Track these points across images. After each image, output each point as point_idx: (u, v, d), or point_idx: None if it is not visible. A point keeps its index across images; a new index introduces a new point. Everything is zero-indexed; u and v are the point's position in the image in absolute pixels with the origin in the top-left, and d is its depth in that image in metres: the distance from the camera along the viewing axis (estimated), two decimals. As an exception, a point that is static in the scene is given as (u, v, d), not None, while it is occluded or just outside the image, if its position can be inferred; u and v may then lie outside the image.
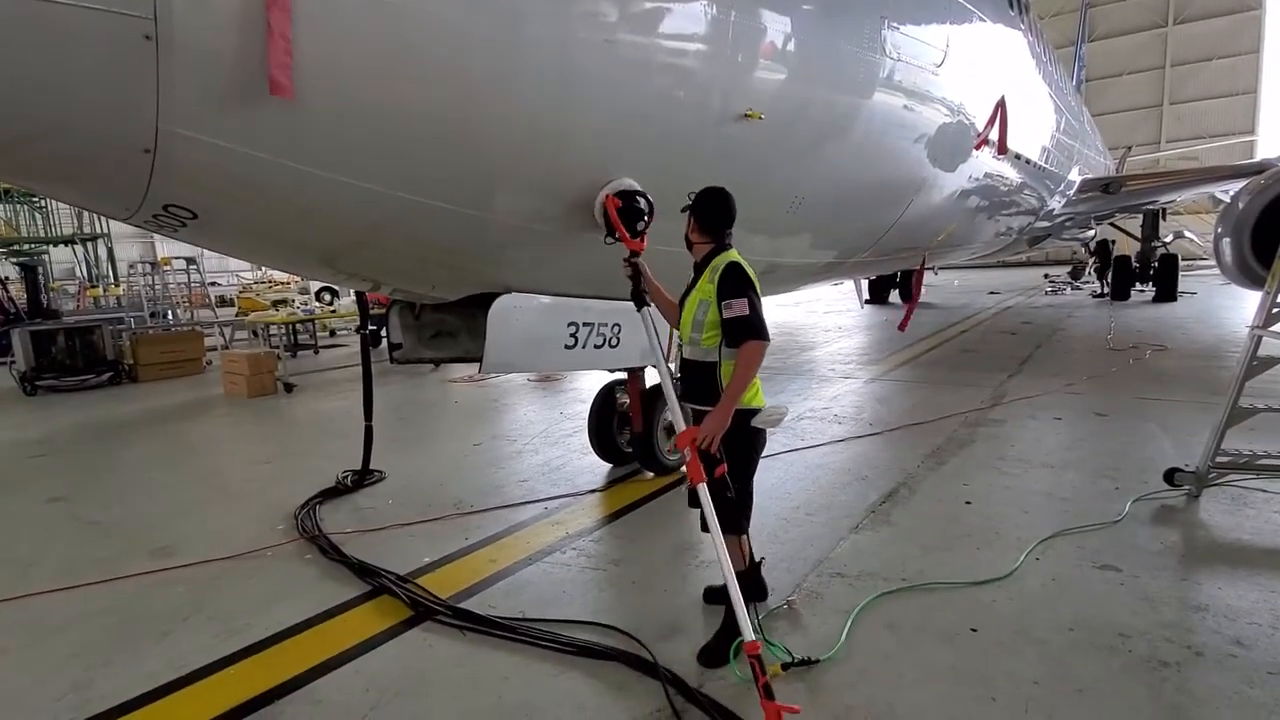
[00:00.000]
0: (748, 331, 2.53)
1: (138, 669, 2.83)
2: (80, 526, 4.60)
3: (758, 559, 3.03)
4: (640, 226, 2.97)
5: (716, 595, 3.04)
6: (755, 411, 2.68)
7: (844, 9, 3.96)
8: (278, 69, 2.03)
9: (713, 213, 2.77)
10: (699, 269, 2.82)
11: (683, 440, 2.56)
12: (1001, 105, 6.17)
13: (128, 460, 6.32)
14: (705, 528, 2.51)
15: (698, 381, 2.75)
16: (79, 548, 4.21)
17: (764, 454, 2.93)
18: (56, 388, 10.17)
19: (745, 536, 2.82)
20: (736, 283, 2.58)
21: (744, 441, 2.70)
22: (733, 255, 2.73)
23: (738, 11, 3.21)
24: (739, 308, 2.53)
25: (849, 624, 2.86)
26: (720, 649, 2.66)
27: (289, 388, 9.25)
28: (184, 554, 3.96)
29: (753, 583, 2.88)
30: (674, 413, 2.72)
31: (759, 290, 2.66)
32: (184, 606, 3.35)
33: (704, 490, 2.50)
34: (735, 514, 2.68)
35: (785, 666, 2.57)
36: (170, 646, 2.99)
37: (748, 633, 2.34)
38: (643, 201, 2.98)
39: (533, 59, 2.63)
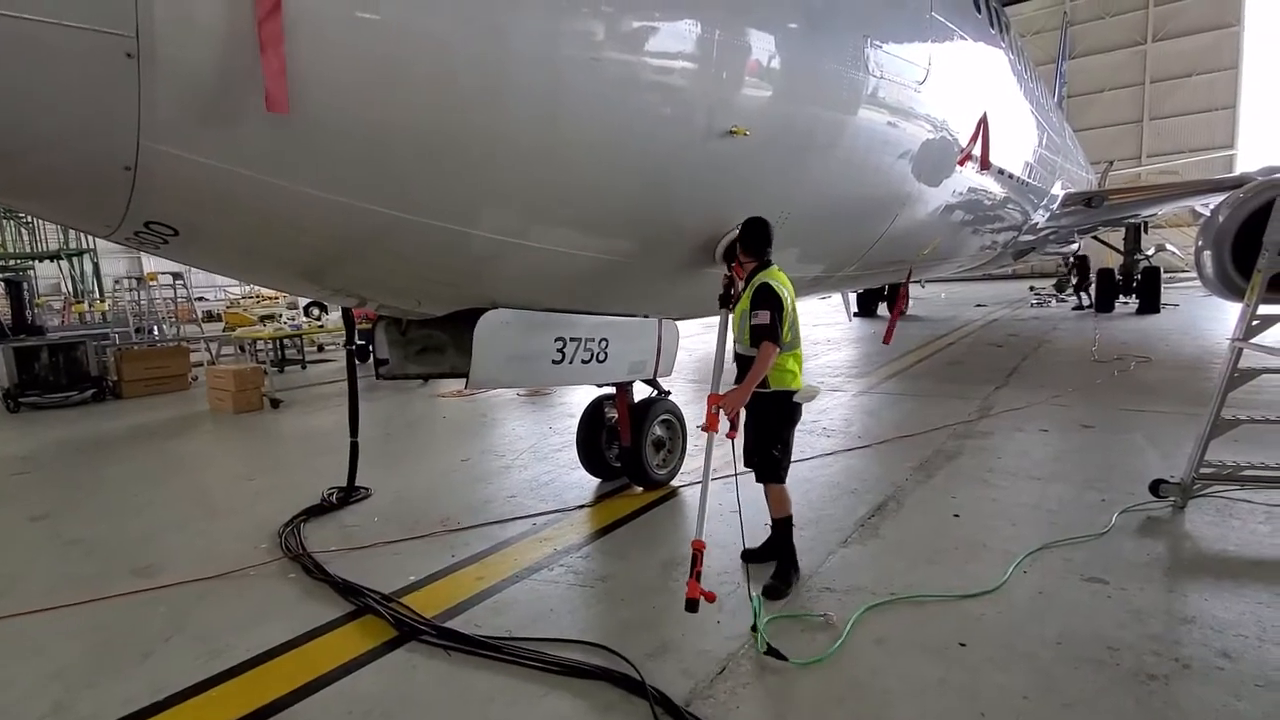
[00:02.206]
0: (764, 335, 3.30)
1: (119, 690, 2.79)
2: (63, 545, 4.53)
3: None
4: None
5: (753, 555, 3.60)
6: (794, 392, 3.47)
7: (827, 28, 4.00)
8: (274, 84, 2.03)
9: (752, 238, 3.54)
10: (746, 283, 3.54)
11: (711, 400, 3.35)
12: (984, 121, 6.25)
13: (111, 477, 6.24)
14: (752, 468, 3.57)
15: (746, 369, 3.45)
16: (61, 566, 4.15)
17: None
18: (40, 404, 10.06)
19: (785, 487, 3.56)
20: (764, 299, 3.36)
21: (785, 414, 3.50)
22: (766, 275, 3.45)
23: (722, 30, 3.24)
24: (761, 318, 3.33)
25: (845, 634, 2.86)
26: (781, 587, 3.37)
27: (275, 403, 9.17)
28: (166, 573, 3.90)
29: (788, 547, 3.55)
30: (714, 380, 3.58)
31: (791, 299, 3.44)
32: (166, 627, 3.30)
33: (710, 437, 3.34)
34: (777, 467, 3.51)
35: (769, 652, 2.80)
36: (152, 668, 2.95)
37: (699, 533, 3.10)
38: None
39: (520, 75, 2.64)
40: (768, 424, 3.48)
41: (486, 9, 2.50)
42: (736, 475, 3.77)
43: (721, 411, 3.32)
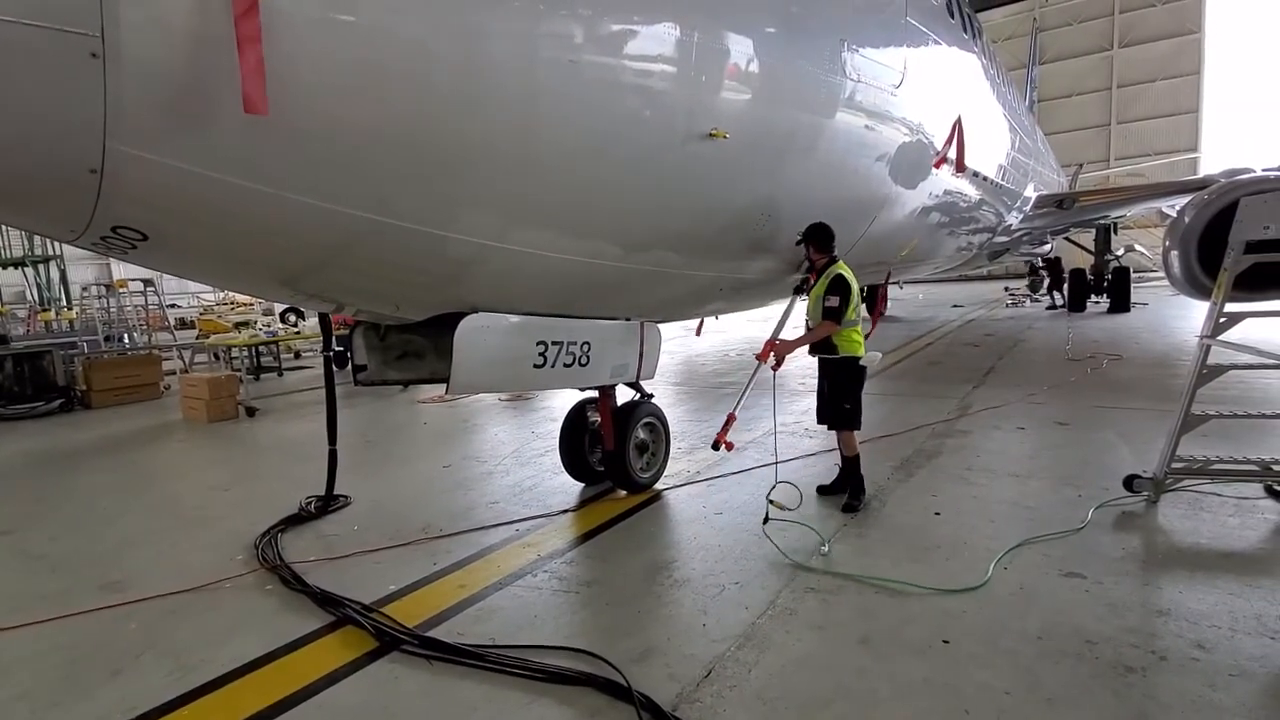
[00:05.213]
0: (829, 315, 4.32)
1: (88, 710, 2.70)
2: (27, 561, 4.40)
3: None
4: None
5: (825, 489, 4.70)
6: (859, 357, 4.46)
7: (804, 31, 4.03)
8: (251, 85, 1.98)
9: (822, 239, 4.48)
10: (819, 274, 4.49)
11: (767, 344, 4.48)
12: (958, 125, 6.34)
13: (79, 490, 6.08)
14: (826, 421, 4.75)
15: (819, 342, 4.49)
16: (26, 583, 4.03)
17: (736, 470, 4.51)
18: (3, 416, 9.78)
19: (854, 433, 4.60)
20: (836, 287, 4.34)
21: (854, 375, 4.51)
22: (838, 268, 4.43)
23: (701, 33, 3.24)
24: (831, 302, 4.31)
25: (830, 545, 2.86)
26: (853, 504, 4.45)
27: (251, 412, 9.01)
28: (137, 588, 3.80)
29: (856, 478, 4.59)
30: (774, 333, 4.65)
31: (856, 287, 4.38)
32: (136, 643, 3.21)
33: (758, 365, 4.57)
34: (853, 418, 4.54)
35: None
36: (121, 686, 2.86)
37: (735, 409, 4.43)
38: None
39: (499, 78, 2.62)
40: (841, 384, 4.49)
41: (470, 10, 2.48)
42: (776, 464, 4.84)
43: (774, 353, 4.42)
